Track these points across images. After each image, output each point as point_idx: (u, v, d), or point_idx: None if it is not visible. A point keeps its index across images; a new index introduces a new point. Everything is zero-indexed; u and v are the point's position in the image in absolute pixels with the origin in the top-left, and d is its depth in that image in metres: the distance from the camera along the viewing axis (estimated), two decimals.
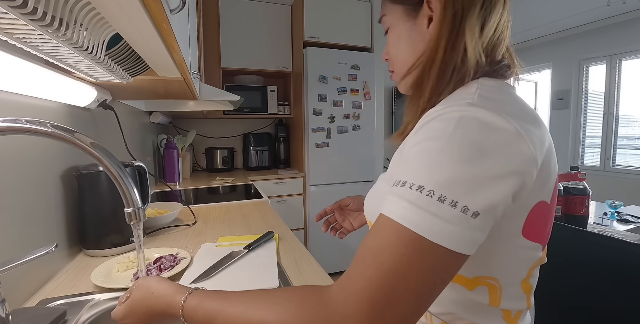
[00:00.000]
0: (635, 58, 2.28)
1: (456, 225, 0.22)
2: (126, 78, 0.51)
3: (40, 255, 0.32)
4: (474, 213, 0.23)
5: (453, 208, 0.22)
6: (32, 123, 0.30)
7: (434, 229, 0.22)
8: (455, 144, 0.24)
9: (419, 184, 0.23)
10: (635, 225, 1.06)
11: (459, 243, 0.22)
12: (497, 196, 0.23)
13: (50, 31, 0.28)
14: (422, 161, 0.25)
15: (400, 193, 0.24)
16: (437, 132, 0.25)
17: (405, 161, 0.27)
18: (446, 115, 0.25)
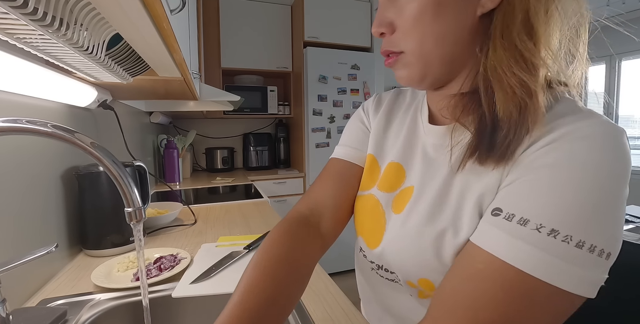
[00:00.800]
0: (635, 58, 2.28)
1: (591, 270, 0.19)
2: (126, 78, 0.51)
3: (41, 254, 0.33)
4: (608, 254, 0.20)
5: (591, 253, 0.19)
6: (32, 123, 0.30)
7: (567, 276, 0.19)
8: (611, 183, 0.20)
9: (552, 227, 0.19)
10: (635, 224, 1.06)
11: (589, 287, 0.19)
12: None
13: (51, 31, 0.28)
14: (562, 198, 0.20)
15: (517, 233, 0.20)
16: (584, 155, 0.20)
17: (527, 187, 0.21)
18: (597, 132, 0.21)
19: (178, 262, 0.56)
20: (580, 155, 0.21)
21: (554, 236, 0.19)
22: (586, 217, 0.20)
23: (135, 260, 0.57)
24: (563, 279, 0.19)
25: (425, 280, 0.27)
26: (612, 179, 0.20)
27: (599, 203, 0.20)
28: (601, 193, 0.20)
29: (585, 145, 0.21)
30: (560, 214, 0.20)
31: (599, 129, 0.21)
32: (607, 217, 0.20)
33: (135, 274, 0.52)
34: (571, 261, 0.19)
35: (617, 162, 0.21)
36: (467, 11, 0.24)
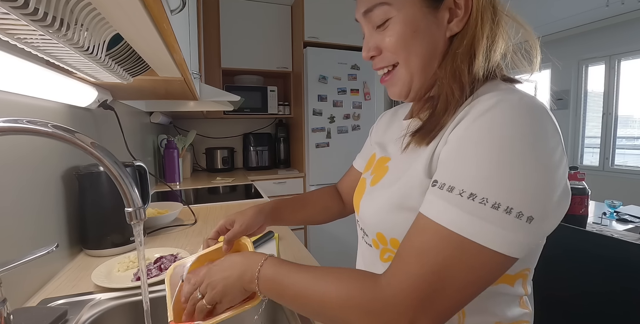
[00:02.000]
0: (634, 58, 2.28)
1: (509, 229, 0.22)
2: (126, 78, 0.51)
3: (41, 254, 0.33)
4: (528, 218, 0.22)
5: (507, 214, 0.22)
6: (33, 124, 0.30)
7: (483, 233, 0.22)
8: (514, 147, 0.23)
9: (471, 192, 0.23)
10: (634, 224, 1.06)
11: (511, 246, 0.22)
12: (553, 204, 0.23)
13: (51, 32, 0.28)
14: (478, 165, 0.23)
15: (446, 198, 0.24)
16: (491, 128, 0.24)
17: (453, 159, 0.25)
18: (499, 106, 0.24)
19: None
20: (484, 123, 0.24)
21: (472, 199, 0.23)
22: (493, 180, 0.23)
23: (136, 260, 0.57)
24: (483, 237, 0.22)
25: (381, 235, 0.33)
26: (516, 141, 0.23)
27: (502, 165, 0.23)
28: (503, 155, 0.23)
29: (488, 115, 0.24)
30: (473, 179, 0.23)
31: (499, 99, 0.25)
32: (513, 177, 0.22)
33: (136, 274, 0.52)
34: (491, 221, 0.22)
35: (515, 124, 0.23)
36: (438, 34, 0.31)
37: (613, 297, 0.58)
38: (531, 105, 0.24)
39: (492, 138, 0.23)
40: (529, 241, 0.23)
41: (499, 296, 0.30)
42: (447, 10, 0.30)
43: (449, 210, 0.24)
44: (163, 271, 0.53)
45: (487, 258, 0.23)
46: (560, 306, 0.67)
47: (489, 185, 0.23)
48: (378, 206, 0.33)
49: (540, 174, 0.23)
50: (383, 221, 0.32)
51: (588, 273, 0.62)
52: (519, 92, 0.26)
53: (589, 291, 0.62)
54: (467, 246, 0.23)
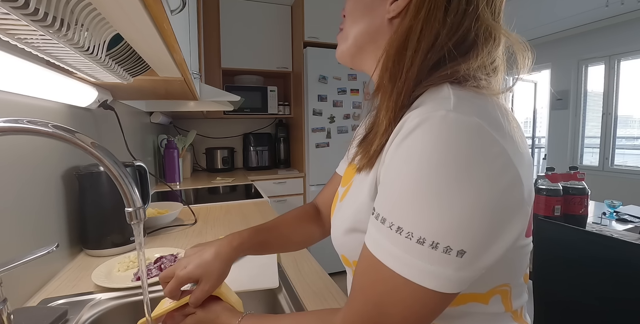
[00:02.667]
0: (634, 58, 2.28)
1: (437, 265, 0.21)
2: (127, 78, 0.51)
3: (42, 254, 0.33)
4: (458, 252, 0.21)
5: (433, 249, 0.21)
6: (33, 124, 0.30)
7: (412, 269, 0.21)
8: (435, 175, 0.20)
9: (398, 225, 0.22)
10: (634, 224, 1.06)
11: (442, 283, 0.21)
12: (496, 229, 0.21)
13: (52, 32, 0.28)
14: (401, 196, 0.22)
15: (380, 230, 0.23)
16: (412, 157, 0.22)
17: (384, 186, 0.24)
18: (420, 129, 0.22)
19: None
20: (406, 149, 0.23)
21: (399, 233, 0.22)
22: (415, 212, 0.21)
23: (136, 260, 0.57)
24: (412, 274, 0.21)
25: (344, 257, 0.33)
26: (437, 168, 0.21)
27: (423, 197, 0.21)
28: (424, 185, 0.21)
29: (410, 139, 0.22)
30: (399, 211, 0.22)
31: (422, 118, 0.22)
32: (435, 209, 0.21)
33: (136, 274, 0.52)
34: (417, 257, 0.21)
35: (435, 148, 0.21)
36: (377, 10, 0.30)
37: (612, 296, 0.58)
38: (455, 122, 0.21)
39: (412, 165, 0.22)
40: (462, 276, 0.21)
41: (471, 315, 0.29)
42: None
43: (382, 242, 0.23)
44: (163, 271, 0.53)
45: (420, 294, 0.22)
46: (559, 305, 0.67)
47: (412, 218, 0.21)
48: (337, 228, 0.32)
49: (468, 202, 0.20)
50: (342, 244, 0.32)
51: (587, 273, 0.62)
52: (448, 105, 0.22)
53: (589, 291, 0.62)
54: (399, 282, 0.22)
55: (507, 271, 0.28)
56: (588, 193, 0.89)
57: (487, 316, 0.29)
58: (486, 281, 0.27)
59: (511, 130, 0.23)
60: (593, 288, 0.61)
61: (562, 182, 0.91)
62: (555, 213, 0.84)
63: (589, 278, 0.62)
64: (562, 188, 0.88)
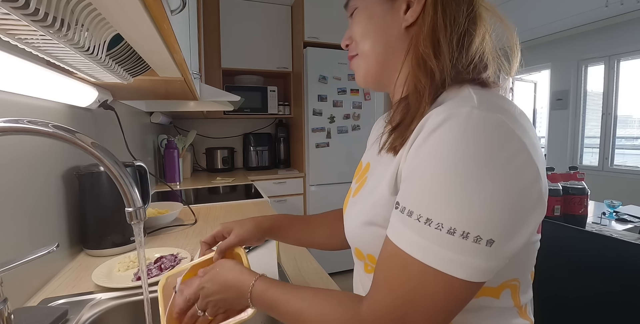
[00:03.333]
0: (634, 58, 2.28)
1: (467, 255, 0.22)
2: (127, 78, 0.51)
3: (42, 254, 0.33)
4: (488, 241, 0.21)
5: (464, 239, 0.21)
6: (33, 124, 0.30)
7: (442, 259, 0.22)
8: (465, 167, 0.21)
9: (427, 217, 0.22)
10: (634, 224, 1.06)
11: (472, 272, 0.22)
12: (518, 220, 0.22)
13: (52, 32, 0.28)
14: (430, 188, 0.23)
15: (406, 223, 0.24)
16: (440, 150, 0.22)
17: (410, 181, 0.25)
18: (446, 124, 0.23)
19: (179, 262, 0.56)
20: (433, 143, 0.23)
21: (429, 224, 0.22)
22: (446, 204, 0.22)
23: (136, 260, 0.57)
24: (442, 264, 0.22)
25: (358, 250, 0.33)
26: (466, 160, 0.22)
27: (453, 188, 0.22)
28: (454, 178, 0.22)
29: (437, 133, 0.23)
30: (428, 203, 0.23)
31: (448, 114, 0.23)
32: (465, 200, 0.22)
33: (136, 274, 0.52)
34: (448, 247, 0.22)
35: (462, 143, 0.22)
36: (393, 23, 0.32)
37: (612, 296, 0.58)
38: (480, 118, 0.23)
39: (441, 159, 0.22)
40: (491, 265, 0.22)
41: (483, 309, 0.29)
42: (405, 2, 0.31)
43: (408, 235, 0.23)
44: (163, 270, 0.53)
45: (449, 284, 0.22)
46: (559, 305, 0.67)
47: (443, 209, 0.22)
48: (353, 221, 0.33)
49: (496, 193, 0.21)
50: (358, 237, 0.33)
51: (587, 273, 0.62)
52: (472, 103, 0.24)
53: (589, 291, 0.62)
54: (428, 273, 0.22)
55: (518, 265, 0.29)
56: (588, 193, 0.89)
57: (497, 310, 0.30)
58: (500, 274, 0.27)
59: (529, 126, 0.25)
60: (593, 288, 0.61)
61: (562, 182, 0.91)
62: (555, 213, 0.84)
63: (588, 278, 0.62)
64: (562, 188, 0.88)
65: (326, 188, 1.81)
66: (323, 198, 1.80)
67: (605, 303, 0.59)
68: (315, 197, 1.79)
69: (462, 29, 0.29)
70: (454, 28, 0.29)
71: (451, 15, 0.29)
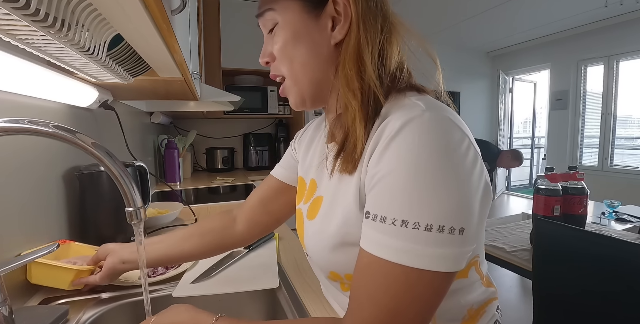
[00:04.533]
0: (633, 59, 2.29)
1: (446, 246, 0.23)
2: (127, 78, 0.51)
3: (42, 254, 0.33)
4: (460, 230, 0.23)
5: (440, 232, 0.22)
6: (34, 124, 0.30)
7: (424, 257, 0.22)
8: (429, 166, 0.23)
9: (402, 219, 0.23)
10: (633, 224, 1.06)
11: (452, 263, 0.23)
12: (477, 207, 0.25)
13: (53, 32, 0.28)
14: (402, 191, 0.23)
15: (382, 230, 0.24)
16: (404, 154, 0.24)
17: (377, 188, 0.25)
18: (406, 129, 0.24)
19: None
20: (397, 148, 0.24)
21: (405, 226, 0.23)
22: (419, 203, 0.23)
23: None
24: (425, 262, 0.22)
25: (334, 273, 0.32)
26: (430, 160, 0.23)
27: (423, 187, 0.23)
28: (422, 177, 0.23)
29: (399, 139, 0.24)
30: (400, 206, 0.23)
31: (405, 120, 0.25)
32: (436, 196, 0.23)
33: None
34: (428, 244, 0.22)
35: (423, 144, 0.24)
36: (322, 41, 0.31)
37: (612, 296, 0.58)
38: (434, 119, 0.25)
39: (407, 162, 0.23)
40: (466, 252, 0.24)
41: (457, 291, 0.31)
42: (330, 18, 0.30)
43: (386, 241, 0.23)
44: (169, 269, 0.53)
45: (434, 281, 0.23)
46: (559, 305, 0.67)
47: (416, 209, 0.23)
48: (322, 246, 0.32)
49: (460, 185, 0.23)
50: (332, 261, 0.31)
51: (587, 273, 0.62)
52: (421, 105, 0.26)
53: (588, 291, 0.62)
54: (412, 275, 0.23)
55: (479, 243, 0.31)
56: (587, 193, 0.89)
57: (468, 288, 0.32)
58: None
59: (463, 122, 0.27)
60: (592, 288, 0.61)
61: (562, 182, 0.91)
62: (555, 213, 0.84)
63: (588, 278, 0.62)
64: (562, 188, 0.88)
65: None
66: None
67: (604, 302, 0.60)
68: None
69: (381, 43, 0.29)
70: (374, 43, 0.29)
71: (371, 31, 0.29)
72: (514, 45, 2.89)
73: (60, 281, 0.44)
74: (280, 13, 0.31)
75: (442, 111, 0.26)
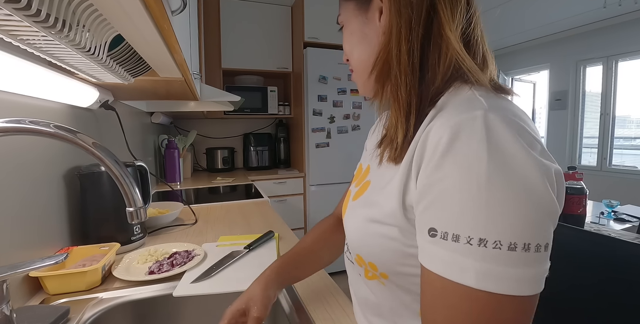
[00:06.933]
0: (632, 59, 2.29)
1: (533, 266, 0.20)
2: (128, 79, 0.51)
3: (49, 264, 0.32)
4: (545, 246, 0.20)
5: (526, 252, 0.20)
6: (35, 124, 0.30)
7: (511, 281, 0.19)
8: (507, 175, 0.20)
9: (479, 237, 0.20)
10: (632, 224, 1.07)
11: (538, 283, 0.20)
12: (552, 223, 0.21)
13: (54, 33, 0.28)
14: (472, 205, 0.20)
15: (455, 249, 0.21)
16: (469, 161, 0.21)
17: (440, 202, 0.22)
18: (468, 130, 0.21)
19: (191, 258, 0.57)
20: (457, 160, 0.21)
21: (484, 245, 0.20)
22: (497, 219, 0.20)
23: (154, 253, 0.59)
24: (513, 287, 0.20)
25: (360, 257, 0.32)
26: (500, 171, 0.20)
27: (495, 202, 0.20)
28: (493, 192, 0.20)
29: (456, 149, 0.21)
30: (475, 222, 0.20)
31: (460, 126, 0.22)
32: (514, 212, 0.20)
33: (150, 268, 0.53)
34: (513, 265, 0.20)
35: (495, 151, 0.21)
36: (372, 33, 0.31)
37: (610, 295, 0.58)
38: (496, 122, 0.21)
39: (472, 175, 0.20)
40: (547, 269, 0.21)
41: None
42: (377, 10, 0.30)
43: (463, 263, 0.20)
44: (175, 267, 0.54)
45: (522, 306, 0.20)
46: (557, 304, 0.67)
47: (496, 225, 0.20)
48: (354, 227, 0.32)
49: (534, 198, 0.20)
50: (359, 243, 0.31)
51: (586, 272, 0.62)
52: (482, 105, 0.23)
53: (586, 290, 0.62)
54: (503, 301, 0.20)
55: None
56: (586, 192, 0.89)
57: None
58: None
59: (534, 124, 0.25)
60: (591, 287, 0.61)
61: None
62: None
63: (587, 277, 0.62)
64: None
65: (326, 188, 1.81)
66: (323, 198, 1.80)
67: (603, 302, 0.60)
68: (315, 197, 1.79)
69: (422, 31, 0.27)
70: (415, 30, 0.27)
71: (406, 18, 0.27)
72: (513, 45, 2.90)
73: (76, 285, 0.47)
74: (342, 14, 0.35)
75: (508, 112, 0.23)
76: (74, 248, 0.54)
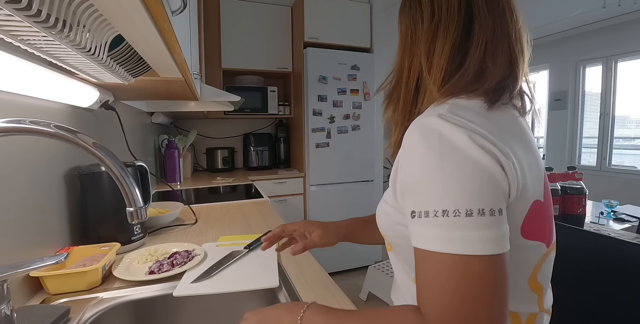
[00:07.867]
0: (631, 59, 2.29)
1: (492, 228, 0.24)
2: (128, 79, 0.51)
3: (50, 264, 0.32)
4: (499, 210, 0.24)
5: (482, 216, 0.24)
6: (35, 124, 0.30)
7: (474, 243, 0.23)
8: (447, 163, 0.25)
9: (442, 209, 0.25)
10: (631, 224, 1.07)
11: (501, 243, 0.24)
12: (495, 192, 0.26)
13: (54, 33, 0.28)
14: (428, 186, 0.26)
15: (427, 224, 0.25)
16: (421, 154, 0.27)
17: (411, 190, 0.28)
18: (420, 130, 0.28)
19: (191, 258, 0.57)
20: (406, 153, 0.29)
21: (446, 215, 0.24)
22: (454, 191, 0.25)
23: (155, 253, 0.59)
24: (476, 247, 0.23)
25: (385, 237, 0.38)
26: (428, 160, 0.26)
27: (441, 180, 0.25)
28: (437, 173, 0.26)
29: (405, 145, 0.29)
30: (438, 197, 0.25)
31: (411, 129, 0.29)
32: (455, 185, 0.25)
33: (150, 268, 0.53)
34: (475, 228, 0.24)
35: (420, 146, 0.27)
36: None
37: (610, 295, 0.58)
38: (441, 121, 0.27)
39: (426, 163, 0.26)
40: (507, 229, 0.25)
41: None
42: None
43: (432, 233, 0.25)
44: (175, 266, 0.54)
45: (489, 264, 0.24)
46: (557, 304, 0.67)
47: (451, 197, 0.24)
48: (379, 208, 0.38)
49: (475, 172, 0.25)
50: (378, 219, 0.38)
51: (585, 272, 0.63)
52: (442, 111, 0.29)
53: (586, 290, 0.62)
54: (468, 262, 0.23)
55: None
56: (586, 192, 0.89)
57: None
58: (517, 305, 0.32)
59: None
60: (591, 287, 0.61)
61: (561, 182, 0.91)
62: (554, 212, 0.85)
63: (586, 277, 0.62)
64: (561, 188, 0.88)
65: (326, 188, 1.81)
66: (323, 198, 1.80)
67: (602, 302, 0.60)
68: (315, 197, 1.80)
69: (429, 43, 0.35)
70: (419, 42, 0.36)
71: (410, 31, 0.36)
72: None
73: (77, 285, 0.47)
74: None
75: (455, 119, 0.27)
76: (74, 248, 0.54)
